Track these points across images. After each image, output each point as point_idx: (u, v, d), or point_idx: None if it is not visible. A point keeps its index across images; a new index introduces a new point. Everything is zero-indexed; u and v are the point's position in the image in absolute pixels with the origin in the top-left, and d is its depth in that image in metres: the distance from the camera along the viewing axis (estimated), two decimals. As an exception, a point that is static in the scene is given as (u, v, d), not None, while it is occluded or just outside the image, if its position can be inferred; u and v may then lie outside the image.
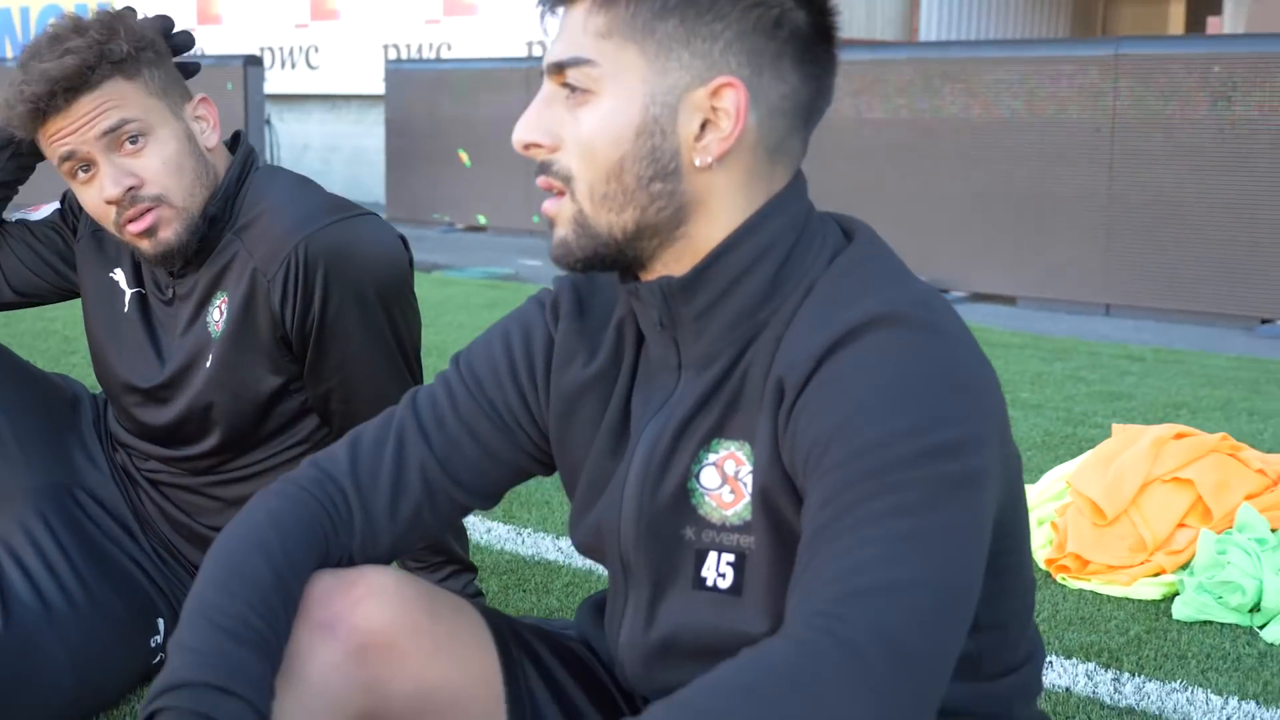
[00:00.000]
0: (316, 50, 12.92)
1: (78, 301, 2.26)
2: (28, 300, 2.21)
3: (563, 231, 1.19)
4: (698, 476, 1.20)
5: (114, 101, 1.89)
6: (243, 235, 1.98)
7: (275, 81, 12.37)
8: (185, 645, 1.16)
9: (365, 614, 1.23)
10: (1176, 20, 14.11)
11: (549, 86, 1.19)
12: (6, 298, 2.19)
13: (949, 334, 1.09)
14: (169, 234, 1.93)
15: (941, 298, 1.14)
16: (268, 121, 10.55)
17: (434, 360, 4.38)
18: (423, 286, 2.33)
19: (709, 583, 1.19)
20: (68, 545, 2.03)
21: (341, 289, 1.94)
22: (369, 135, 12.12)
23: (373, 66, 11.93)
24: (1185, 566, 2.58)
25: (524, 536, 2.87)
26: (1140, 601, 2.54)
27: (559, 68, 1.17)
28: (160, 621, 2.07)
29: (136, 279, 2.10)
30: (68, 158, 1.91)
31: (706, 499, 1.19)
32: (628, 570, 1.27)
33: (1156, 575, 2.59)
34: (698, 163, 1.16)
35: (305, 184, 2.06)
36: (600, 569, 2.65)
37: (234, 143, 2.08)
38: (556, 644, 1.39)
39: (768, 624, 1.15)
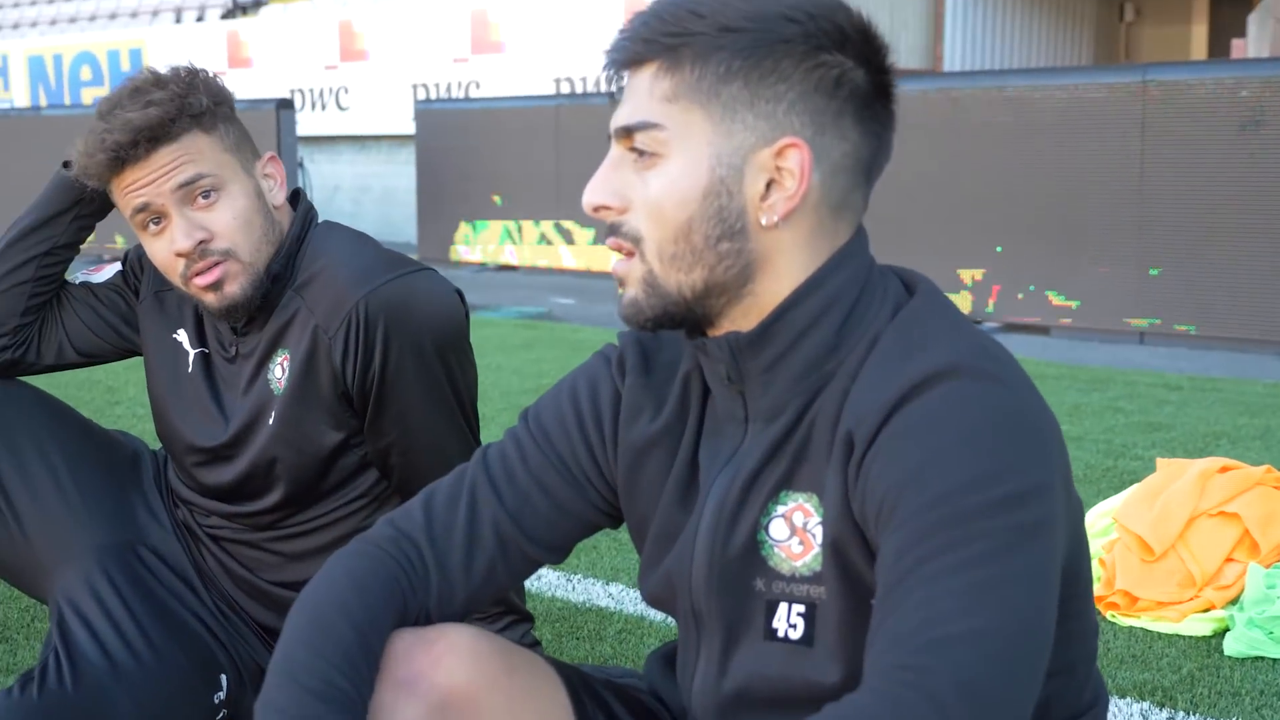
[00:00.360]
0: (346, 91, 13.04)
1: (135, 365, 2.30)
2: (90, 360, 2.24)
3: (633, 291, 1.22)
4: (767, 528, 1.22)
5: (191, 155, 1.93)
6: (303, 293, 2.01)
7: (305, 123, 12.47)
8: (274, 705, 1.19)
9: (446, 671, 1.25)
10: (1199, 41, 14.08)
11: (616, 150, 1.22)
12: (69, 359, 2.22)
13: (1012, 384, 1.12)
14: (234, 289, 1.97)
15: (1002, 348, 1.17)
16: (300, 164, 10.65)
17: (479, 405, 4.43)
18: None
19: (780, 633, 1.21)
20: (132, 602, 2.05)
21: (401, 344, 1.97)
22: (399, 175, 12.22)
23: (402, 106, 12.03)
24: (1235, 602, 2.58)
25: (574, 583, 2.88)
26: (1191, 638, 2.54)
27: (627, 132, 1.20)
28: (223, 677, 2.09)
29: (200, 339, 2.12)
30: (141, 209, 1.94)
31: (776, 550, 1.21)
32: (699, 621, 1.29)
33: (1206, 611, 2.59)
34: (764, 221, 1.18)
35: (362, 240, 2.09)
36: (653, 615, 2.67)
37: (294, 199, 2.11)
38: (627, 696, 1.41)
39: (840, 673, 1.17)
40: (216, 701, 2.07)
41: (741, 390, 1.24)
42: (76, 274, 2.25)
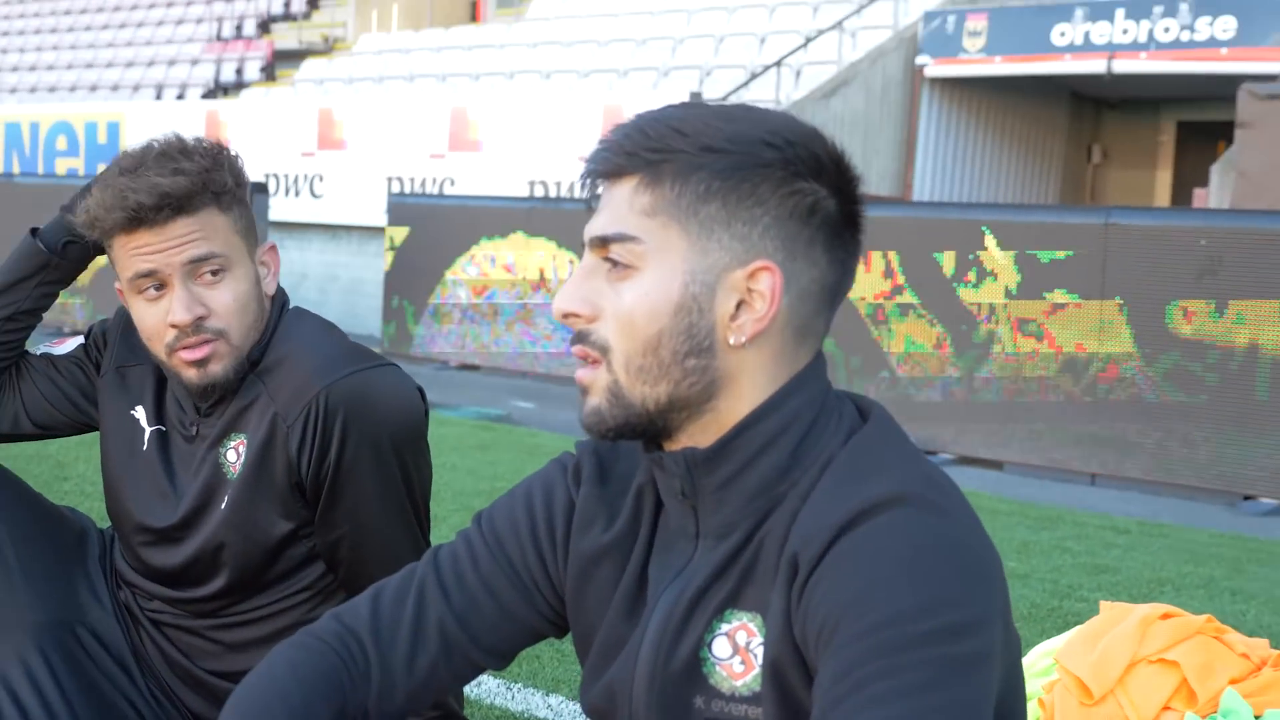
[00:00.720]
0: (321, 179, 13.11)
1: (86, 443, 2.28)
2: (44, 433, 2.23)
3: (596, 400, 1.22)
4: (710, 646, 1.22)
5: (206, 232, 1.93)
6: (265, 378, 2.01)
7: (278, 208, 12.49)
8: None
9: None
10: (1164, 186, 14.47)
11: (591, 258, 1.23)
12: (24, 429, 2.20)
13: (957, 517, 1.13)
14: (218, 368, 1.96)
15: (949, 479, 1.18)
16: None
17: (431, 505, 4.41)
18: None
19: None
20: (65, 682, 2.02)
21: (359, 437, 1.97)
22: (368, 267, 12.25)
23: (375, 198, 12.10)
24: (1170, 752, 2.60)
25: (514, 692, 2.87)
26: (1126, 786, 2.55)
27: (603, 241, 1.21)
28: None
29: (158, 416, 2.11)
30: (145, 274, 1.93)
31: (718, 669, 1.21)
32: None
33: (1143, 760, 2.60)
34: (732, 341, 1.20)
35: (328, 330, 2.09)
36: (590, 732, 2.65)
37: None
38: None
39: None
40: None
41: (694, 506, 1.24)
42: (38, 345, 2.24)
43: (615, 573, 1.32)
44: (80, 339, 2.22)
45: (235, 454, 2.03)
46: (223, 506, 2.03)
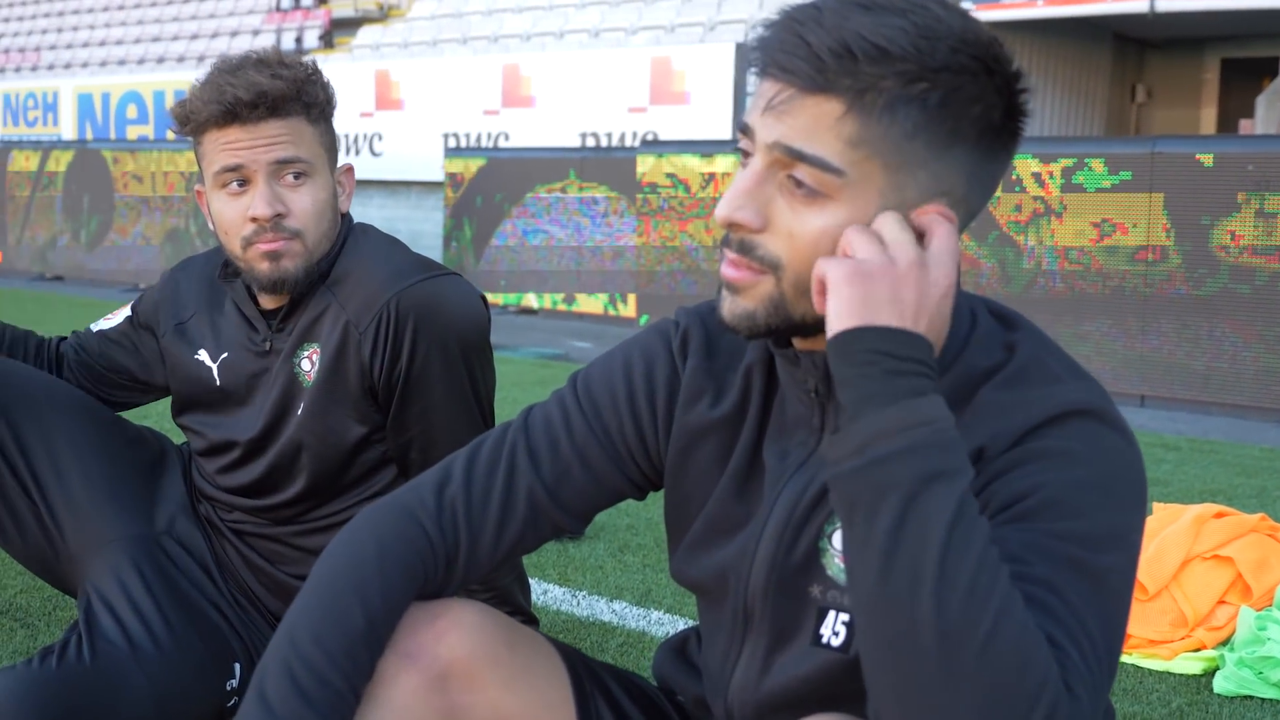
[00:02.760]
0: (380, 138, 13.24)
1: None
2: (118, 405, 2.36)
3: (751, 305, 1.17)
4: (830, 537, 1.22)
5: (294, 137, 2.01)
6: (336, 290, 2.08)
7: (339, 167, 12.62)
8: (265, 697, 1.20)
9: (448, 645, 1.26)
10: (1209, 123, 14.21)
11: (762, 165, 1.15)
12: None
13: (1131, 439, 1.16)
14: (290, 265, 2.03)
15: None
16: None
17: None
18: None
19: (824, 640, 1.22)
20: (155, 590, 2.09)
21: (428, 342, 2.04)
22: (427, 220, 12.38)
23: (432, 154, 12.22)
24: (1226, 643, 2.62)
25: (579, 599, 2.94)
26: (1181, 675, 2.56)
27: (795, 157, 1.13)
28: (237, 666, 2.13)
29: (219, 348, 2.19)
30: (232, 169, 2.00)
31: (836, 560, 1.21)
32: (749, 619, 1.29)
33: (1197, 650, 2.62)
34: None
35: (394, 243, 2.16)
36: (655, 630, 2.72)
37: None
38: (628, 682, 1.42)
39: None
40: (229, 689, 2.10)
41: (823, 403, 1.23)
42: (94, 325, 2.36)
43: (723, 450, 1.31)
44: (127, 311, 2.33)
45: (309, 363, 2.09)
46: (299, 412, 2.09)
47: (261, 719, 1.19)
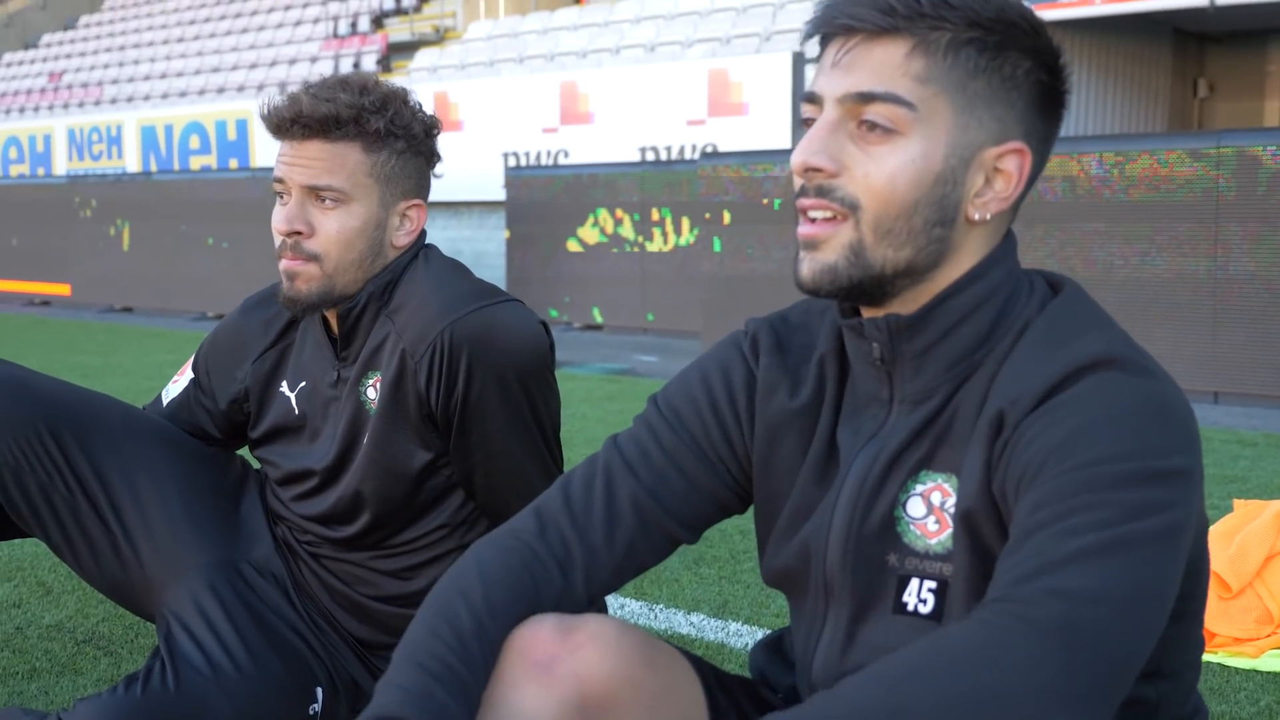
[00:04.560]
0: (441, 160, 13.34)
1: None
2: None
3: (832, 257, 1.22)
4: (904, 505, 1.24)
5: (333, 164, 2.01)
6: (394, 317, 2.06)
7: (399, 190, 12.73)
8: (394, 683, 1.20)
9: (585, 660, 1.22)
10: (1273, 116, 13.99)
11: (835, 113, 1.21)
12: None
13: (1162, 378, 1.16)
14: (303, 287, 2.04)
15: (1144, 349, 1.21)
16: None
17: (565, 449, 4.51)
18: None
19: (910, 608, 1.23)
20: (235, 615, 2.09)
21: (484, 372, 2.00)
22: (490, 240, 12.47)
23: (493, 174, 12.30)
24: (1312, 639, 2.59)
25: (656, 612, 2.93)
26: (1268, 673, 2.53)
27: (865, 99, 1.19)
28: (319, 689, 2.12)
29: (296, 377, 2.19)
30: (278, 179, 2.04)
31: (912, 528, 1.24)
32: (830, 593, 1.30)
33: (1284, 647, 2.60)
34: (975, 216, 1.22)
35: (455, 269, 2.13)
36: (733, 642, 2.71)
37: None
38: (757, 696, 1.42)
39: None
40: (312, 713, 2.10)
41: (890, 372, 1.26)
42: (166, 390, 2.37)
43: (803, 439, 1.33)
44: (190, 374, 2.33)
45: (374, 391, 2.08)
46: (366, 441, 2.09)
47: (396, 699, 1.18)
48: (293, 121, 2.00)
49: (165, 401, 2.35)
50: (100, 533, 2.18)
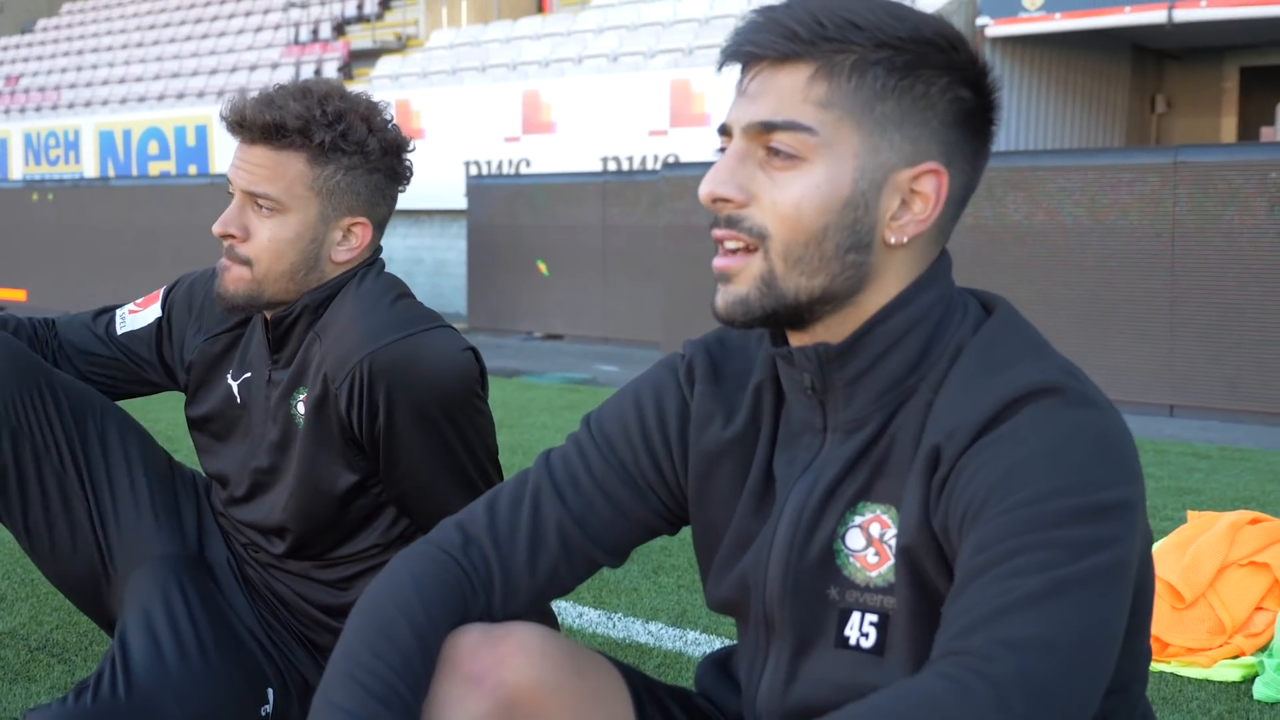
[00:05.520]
0: (410, 178, 13.26)
1: (177, 405, 2.38)
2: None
3: (744, 289, 1.20)
4: (843, 538, 1.22)
5: (275, 172, 2.00)
6: (322, 336, 2.04)
7: (360, 198, 12.69)
8: (337, 705, 1.19)
9: (513, 669, 1.23)
10: (1229, 132, 14.17)
11: (743, 143, 1.20)
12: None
13: (1099, 405, 1.13)
14: (231, 287, 2.03)
15: (1081, 370, 1.18)
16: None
17: (519, 459, 4.51)
18: (505, 391, 2.40)
19: (852, 642, 1.22)
20: (196, 611, 2.09)
21: (405, 404, 1.96)
22: (451, 249, 12.44)
23: (454, 182, 12.27)
24: (1265, 649, 2.61)
25: (614, 621, 2.94)
26: (1221, 683, 2.55)
27: (767, 128, 1.18)
28: (270, 691, 2.11)
29: (241, 367, 2.18)
30: (229, 179, 2.04)
31: (851, 560, 1.22)
32: (770, 627, 1.29)
33: (1236, 657, 2.61)
34: (892, 240, 1.19)
35: (388, 293, 2.06)
36: (691, 650, 2.72)
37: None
38: (689, 704, 1.41)
39: None
40: (264, 714, 2.08)
41: (822, 400, 1.25)
42: (123, 308, 2.32)
43: (740, 469, 1.31)
44: (157, 312, 2.28)
45: (303, 406, 2.06)
46: (294, 456, 2.07)
47: (338, 719, 1.17)
48: (239, 124, 2.00)
49: (121, 325, 2.29)
50: (81, 509, 2.17)
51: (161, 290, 2.32)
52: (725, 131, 1.23)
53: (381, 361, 1.95)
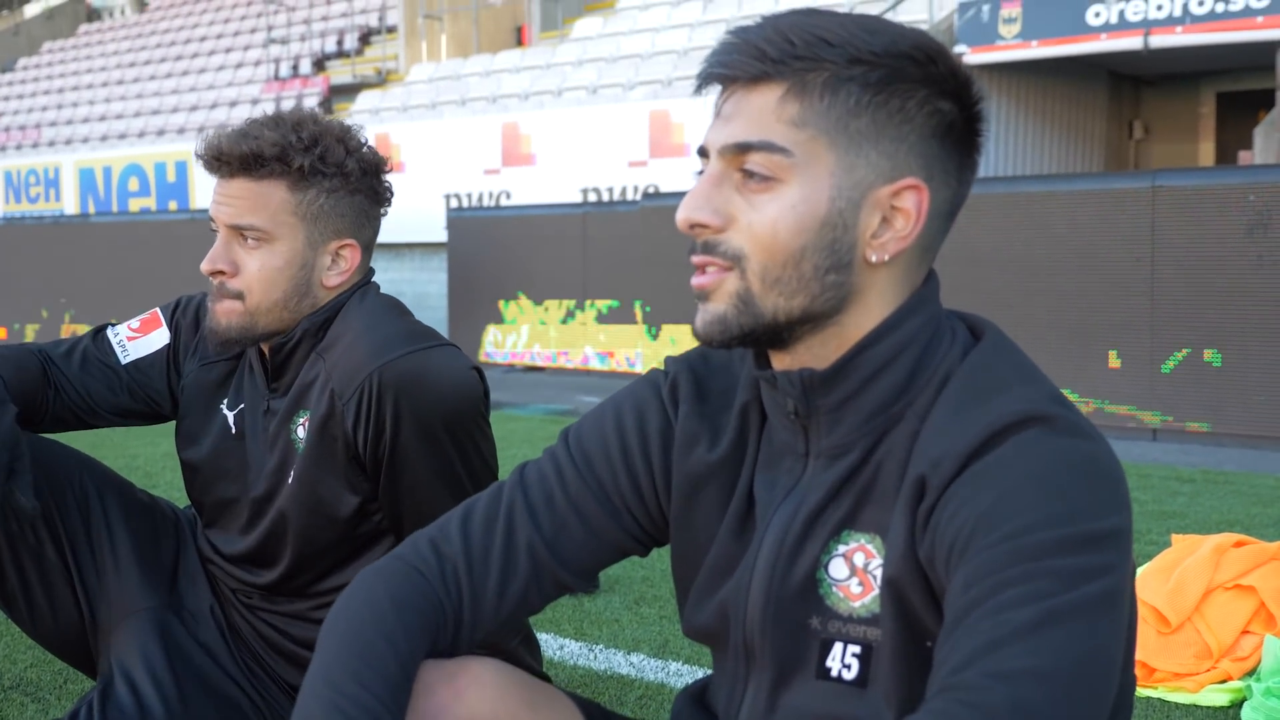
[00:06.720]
0: (391, 198, 13.27)
1: (160, 440, 2.35)
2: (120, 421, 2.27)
3: (722, 307, 1.18)
4: (826, 567, 1.20)
5: (256, 202, 1.98)
6: (325, 355, 2.03)
7: (340, 232, 12.69)
8: None
9: (468, 705, 1.23)
10: (1206, 157, 14.28)
11: (719, 167, 1.19)
12: (99, 423, 2.23)
13: (1086, 433, 1.11)
14: (224, 322, 2.01)
15: (1069, 399, 1.16)
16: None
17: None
18: (488, 423, 2.37)
19: (834, 673, 1.19)
20: (175, 662, 2.07)
21: (412, 418, 1.96)
22: (431, 281, 12.42)
23: (435, 215, 12.28)
24: (1252, 673, 2.60)
25: (595, 653, 2.91)
26: (1208, 708, 2.54)
27: (742, 150, 1.17)
28: None
29: (237, 397, 2.16)
30: (211, 217, 2.02)
31: (835, 590, 1.20)
32: (750, 656, 1.26)
33: (1223, 682, 2.60)
34: (873, 259, 1.17)
35: (391, 309, 2.08)
36: (672, 681, 2.70)
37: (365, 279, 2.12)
38: None
39: (892, 717, 1.15)
40: None
41: (805, 426, 1.23)
42: (119, 328, 2.25)
43: (724, 493, 1.29)
44: (165, 338, 2.22)
45: (303, 429, 2.05)
46: (290, 480, 2.06)
47: None
48: (216, 159, 1.99)
49: (124, 354, 2.21)
50: (61, 582, 2.15)
51: (158, 311, 2.27)
52: (703, 153, 1.21)
53: (391, 375, 1.94)
